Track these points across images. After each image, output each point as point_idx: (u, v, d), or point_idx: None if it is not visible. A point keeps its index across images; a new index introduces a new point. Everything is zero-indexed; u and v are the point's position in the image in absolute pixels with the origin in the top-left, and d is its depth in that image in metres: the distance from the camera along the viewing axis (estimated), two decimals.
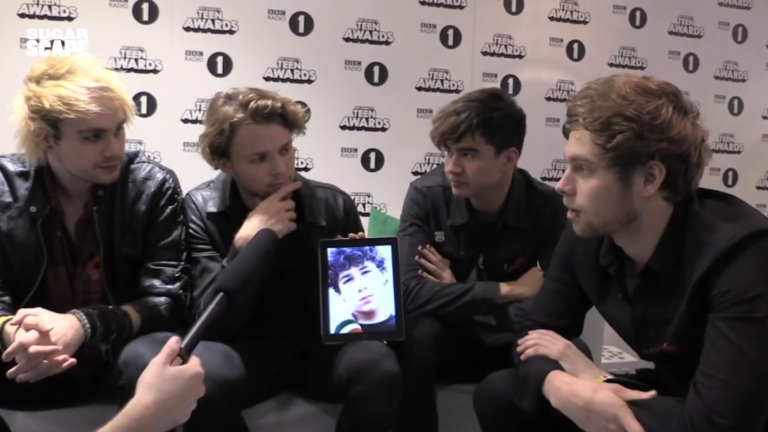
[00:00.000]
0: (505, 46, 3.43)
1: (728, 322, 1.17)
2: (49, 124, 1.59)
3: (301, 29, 3.14)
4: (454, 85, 3.35)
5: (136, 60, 2.93)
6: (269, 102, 1.73)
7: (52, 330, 1.48)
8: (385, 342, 1.68)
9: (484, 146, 1.88)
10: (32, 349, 1.44)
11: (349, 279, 1.67)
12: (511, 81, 3.45)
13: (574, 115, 1.27)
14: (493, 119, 1.87)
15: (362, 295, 1.61)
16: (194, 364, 1.10)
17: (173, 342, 1.10)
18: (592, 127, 1.23)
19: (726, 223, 1.22)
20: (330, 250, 1.67)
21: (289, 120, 1.77)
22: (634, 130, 1.21)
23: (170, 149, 2.94)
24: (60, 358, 1.47)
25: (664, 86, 1.26)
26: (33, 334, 1.46)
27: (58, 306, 1.64)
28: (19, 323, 1.49)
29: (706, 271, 1.19)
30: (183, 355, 1.09)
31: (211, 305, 1.16)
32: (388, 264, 1.68)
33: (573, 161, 1.29)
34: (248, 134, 1.72)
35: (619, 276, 1.38)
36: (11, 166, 1.71)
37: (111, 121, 1.63)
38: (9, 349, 1.45)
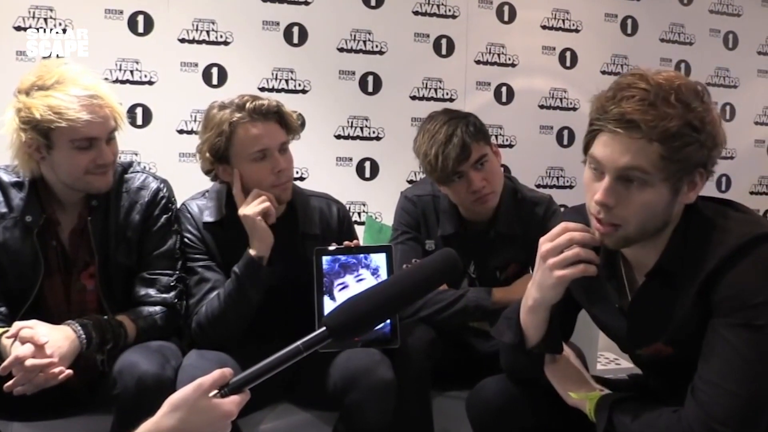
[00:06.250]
0: (498, 55, 3.45)
1: (731, 328, 1.15)
2: (40, 134, 1.60)
3: (296, 40, 3.16)
4: (447, 93, 3.37)
5: (131, 72, 2.94)
6: (265, 101, 1.78)
7: (47, 343, 1.48)
8: (380, 349, 1.69)
9: (486, 148, 1.93)
10: (28, 362, 1.45)
11: (344, 287, 1.68)
12: (504, 89, 3.48)
13: (630, 121, 1.13)
14: (475, 123, 1.93)
15: None
16: (232, 402, 0.99)
17: (227, 371, 1.01)
18: (660, 136, 1.12)
19: (734, 223, 1.21)
20: (325, 259, 1.68)
21: (285, 120, 1.81)
22: (700, 141, 1.15)
23: (166, 160, 2.95)
24: (56, 370, 1.47)
25: (699, 83, 1.21)
26: (29, 348, 1.47)
27: (55, 316, 1.65)
28: (15, 336, 1.49)
29: (713, 270, 1.17)
30: (224, 393, 1.00)
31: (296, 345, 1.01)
32: (383, 272, 1.70)
33: (623, 171, 1.16)
34: (248, 133, 1.75)
35: (615, 284, 1.37)
36: (6, 177, 1.72)
37: (102, 129, 1.64)
38: (5, 363, 1.45)
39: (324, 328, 1.00)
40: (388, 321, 1.65)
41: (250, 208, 1.73)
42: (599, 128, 1.19)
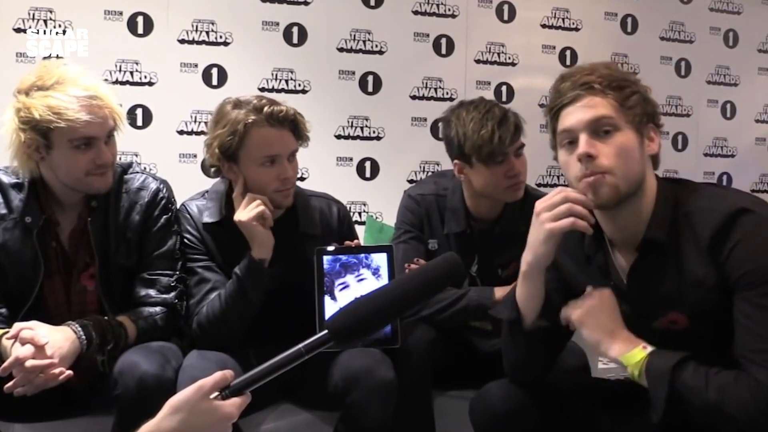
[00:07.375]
0: (498, 54, 3.46)
1: (764, 297, 1.18)
2: (39, 134, 1.59)
3: (295, 40, 3.16)
4: (447, 93, 3.37)
5: (131, 72, 2.94)
6: (283, 108, 1.77)
7: (47, 343, 1.48)
8: (381, 349, 1.68)
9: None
10: (29, 363, 1.45)
11: (345, 286, 1.68)
12: (504, 88, 3.48)
13: (584, 84, 1.31)
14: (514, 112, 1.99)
15: None
16: (233, 404, 0.99)
17: (228, 373, 1.01)
18: (610, 88, 1.31)
19: (726, 191, 1.30)
20: (326, 258, 1.68)
21: (298, 128, 1.81)
22: (640, 92, 1.34)
23: (166, 161, 2.95)
24: (57, 371, 1.47)
25: None
26: (29, 349, 1.47)
27: (55, 317, 1.65)
28: (15, 337, 1.49)
29: (713, 234, 1.22)
30: (225, 395, 0.99)
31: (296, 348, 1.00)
32: (384, 271, 1.69)
33: (593, 124, 1.30)
34: (262, 136, 1.74)
35: (604, 265, 1.39)
36: (5, 178, 1.72)
37: (101, 129, 1.64)
38: (5, 364, 1.45)
39: (326, 331, 1.00)
40: None
41: (245, 214, 1.72)
42: (560, 104, 1.34)
